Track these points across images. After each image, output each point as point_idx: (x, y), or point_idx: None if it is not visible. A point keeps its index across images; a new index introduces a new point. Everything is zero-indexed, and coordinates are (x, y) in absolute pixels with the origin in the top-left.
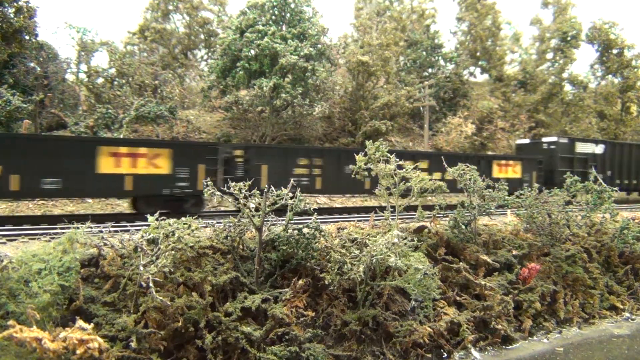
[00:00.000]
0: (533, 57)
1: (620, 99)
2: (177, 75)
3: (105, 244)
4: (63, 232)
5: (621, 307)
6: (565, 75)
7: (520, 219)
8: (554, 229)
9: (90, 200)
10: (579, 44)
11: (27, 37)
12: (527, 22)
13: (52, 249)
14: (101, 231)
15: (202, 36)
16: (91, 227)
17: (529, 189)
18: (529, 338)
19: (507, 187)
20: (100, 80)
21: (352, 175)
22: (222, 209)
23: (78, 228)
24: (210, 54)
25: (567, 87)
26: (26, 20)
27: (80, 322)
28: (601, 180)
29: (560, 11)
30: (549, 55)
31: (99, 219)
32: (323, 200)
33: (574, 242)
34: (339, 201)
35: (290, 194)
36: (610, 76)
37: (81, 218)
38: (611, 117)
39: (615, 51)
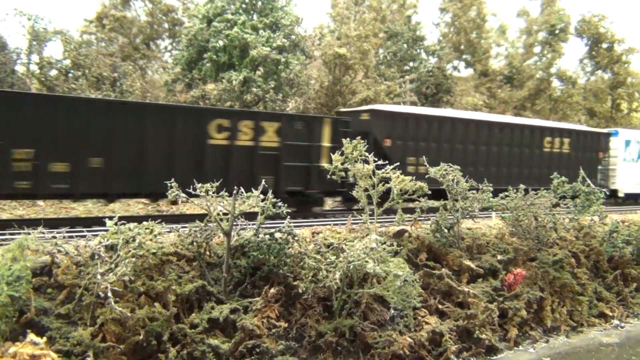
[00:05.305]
0: (520, 50)
1: (611, 96)
2: (139, 67)
3: (59, 251)
4: (13, 238)
5: (610, 314)
6: (553, 70)
7: (506, 222)
8: (541, 233)
9: (42, 204)
10: (567, 38)
11: None
12: (514, 13)
13: (1, 257)
14: (55, 237)
15: (165, 25)
16: (43, 233)
17: None
18: (515, 348)
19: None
20: (53, 72)
21: (329, 176)
22: None
23: (29, 234)
24: (174, 45)
25: (555, 83)
26: None
27: (31, 336)
28: None
29: (548, 3)
30: (537, 49)
31: (52, 223)
32: None
33: (561, 246)
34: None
35: (262, 196)
36: (600, 72)
37: (32, 223)
38: (601, 114)
39: (605, 45)
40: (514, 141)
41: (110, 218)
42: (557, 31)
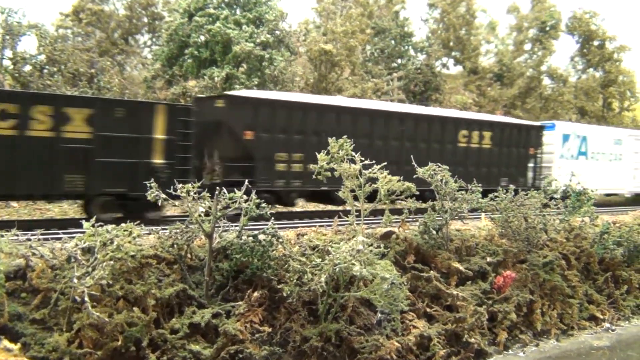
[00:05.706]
0: (510, 48)
1: (602, 94)
2: (117, 63)
3: (33, 254)
4: None
5: (601, 317)
6: (544, 68)
7: (495, 223)
8: (531, 234)
9: (15, 205)
10: (558, 35)
11: None
12: (504, 10)
13: None
14: (29, 239)
15: (145, 19)
16: (17, 235)
17: None
18: (504, 352)
19: None
20: (27, 68)
21: (315, 176)
22: None
23: (2, 236)
24: (154, 40)
25: (546, 81)
26: None
27: (5, 342)
28: None
29: None
30: (527, 47)
31: (26, 225)
32: None
33: (551, 247)
34: (299, 205)
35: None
36: (591, 70)
37: (5, 225)
38: (592, 113)
39: (596, 43)
40: (418, 135)
41: (87, 219)
42: (547, 28)
